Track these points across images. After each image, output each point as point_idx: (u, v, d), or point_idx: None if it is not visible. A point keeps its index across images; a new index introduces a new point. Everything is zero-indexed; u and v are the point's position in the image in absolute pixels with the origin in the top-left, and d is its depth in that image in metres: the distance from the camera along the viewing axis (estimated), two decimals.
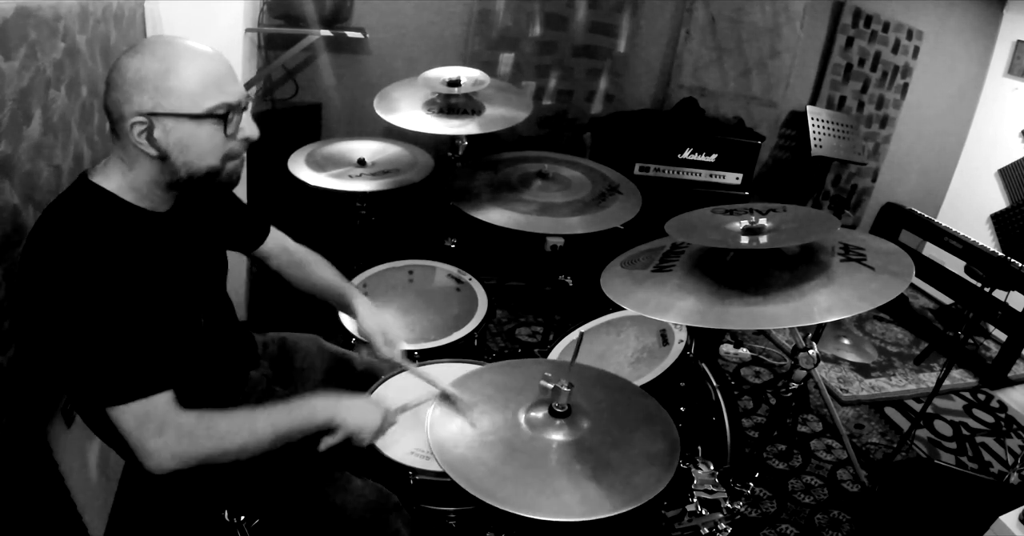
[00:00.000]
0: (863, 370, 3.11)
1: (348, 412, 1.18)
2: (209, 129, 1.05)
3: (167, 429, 1.00)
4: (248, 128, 1.11)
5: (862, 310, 1.07)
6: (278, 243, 1.51)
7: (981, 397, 3.04)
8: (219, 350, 1.29)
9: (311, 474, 1.24)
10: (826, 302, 1.10)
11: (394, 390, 1.49)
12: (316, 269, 1.52)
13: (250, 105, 1.13)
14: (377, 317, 1.47)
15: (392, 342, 1.45)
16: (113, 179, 1.07)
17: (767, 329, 3.26)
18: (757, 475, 1.57)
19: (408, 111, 2.12)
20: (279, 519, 1.21)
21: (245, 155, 1.15)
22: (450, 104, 2.13)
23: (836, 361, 3.16)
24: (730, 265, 1.29)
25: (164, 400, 1.01)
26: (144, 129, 1.01)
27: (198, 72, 1.02)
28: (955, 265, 3.43)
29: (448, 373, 1.36)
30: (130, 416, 0.99)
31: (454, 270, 2.06)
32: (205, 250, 1.26)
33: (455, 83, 2.10)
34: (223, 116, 1.06)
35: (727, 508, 1.36)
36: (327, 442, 1.17)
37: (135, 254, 1.03)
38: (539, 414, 1.20)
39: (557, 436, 1.16)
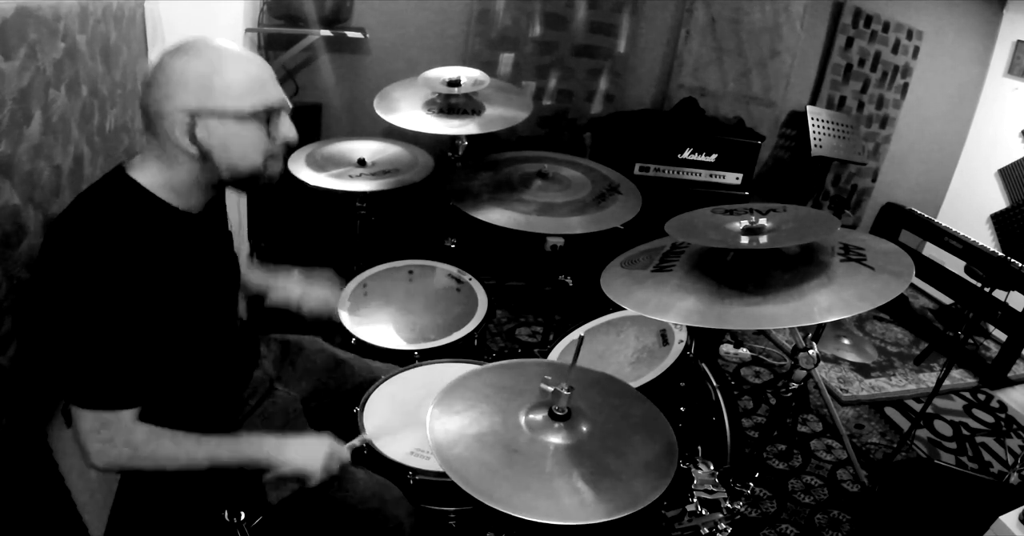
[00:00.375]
0: (863, 370, 3.11)
1: (294, 454, 1.17)
2: (252, 129, 1.07)
3: (115, 440, 1.03)
4: (288, 131, 1.13)
5: (862, 310, 1.07)
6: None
7: (981, 397, 3.04)
8: (225, 350, 1.30)
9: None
10: (826, 302, 1.10)
11: (391, 393, 1.50)
12: (247, 279, 1.55)
13: (290, 108, 1.16)
14: (297, 284, 1.57)
15: (324, 302, 1.55)
16: (150, 175, 1.08)
17: (767, 329, 3.26)
18: (757, 475, 1.57)
19: (408, 111, 2.12)
20: (282, 512, 1.21)
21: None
22: (450, 104, 2.14)
23: (836, 361, 3.16)
24: (730, 265, 1.29)
25: (128, 415, 1.03)
26: (187, 127, 1.03)
27: (242, 73, 1.05)
28: (955, 265, 3.43)
29: (448, 373, 1.36)
30: (90, 419, 1.02)
31: (454, 270, 2.06)
32: (226, 252, 1.29)
33: (455, 83, 2.10)
34: (266, 117, 1.08)
35: (727, 508, 1.36)
36: (277, 495, 1.19)
37: (163, 254, 1.05)
38: (539, 416, 1.19)
39: (556, 439, 1.16)
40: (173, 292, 1.06)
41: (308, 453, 1.19)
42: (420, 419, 1.20)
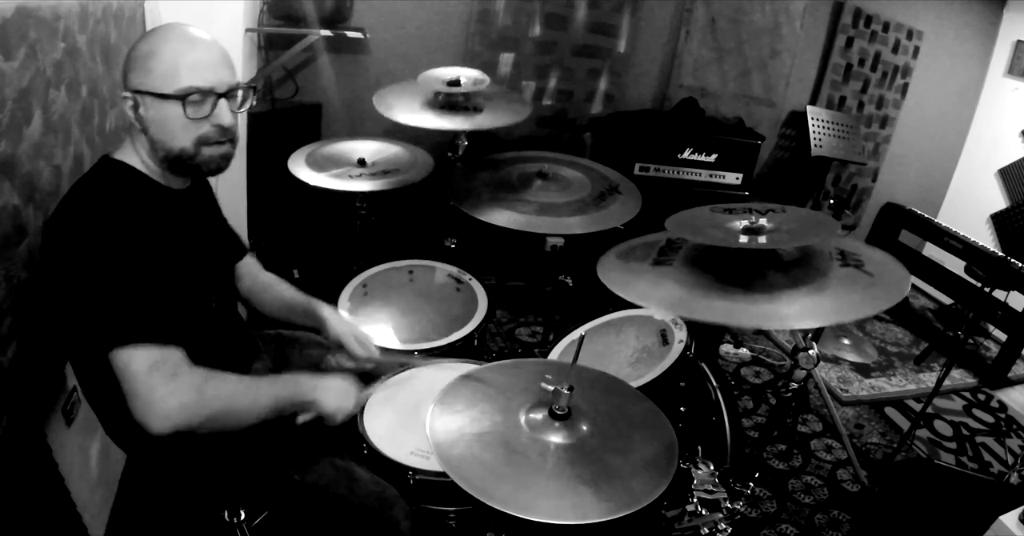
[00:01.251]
0: (863, 370, 3.11)
1: (327, 394, 1.23)
2: (174, 109, 1.11)
3: (180, 377, 1.02)
4: (221, 115, 1.15)
5: (864, 315, 1.07)
6: (251, 268, 1.55)
7: (981, 397, 3.04)
8: (225, 338, 1.31)
9: (311, 470, 1.24)
10: (828, 306, 1.10)
11: (391, 392, 1.50)
12: (281, 289, 1.55)
13: (240, 96, 1.19)
14: (345, 322, 1.50)
15: (364, 342, 1.47)
16: (129, 154, 1.16)
17: (768, 329, 3.26)
18: (757, 475, 1.57)
19: (408, 110, 2.12)
20: (282, 511, 1.21)
21: (232, 148, 1.19)
22: (450, 102, 2.14)
23: (836, 361, 3.16)
24: (730, 263, 1.29)
25: (178, 353, 1.04)
26: (131, 104, 1.12)
27: (176, 55, 1.10)
28: (955, 265, 3.43)
29: (448, 373, 1.36)
30: (143, 358, 0.99)
31: (454, 270, 2.06)
32: (219, 233, 1.33)
33: (455, 83, 2.10)
34: (184, 97, 1.10)
35: (727, 508, 1.36)
36: (303, 418, 1.22)
37: (156, 223, 1.10)
38: (539, 416, 1.19)
39: (556, 438, 1.16)
40: (169, 256, 1.10)
41: (339, 396, 1.25)
42: (420, 419, 1.20)
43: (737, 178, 2.97)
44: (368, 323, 1.85)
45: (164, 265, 1.07)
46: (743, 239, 1.24)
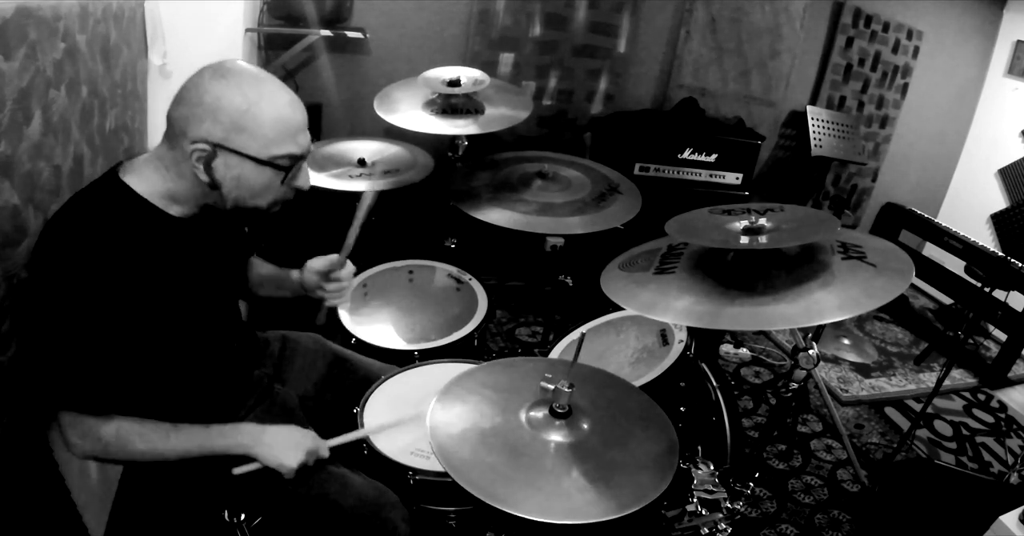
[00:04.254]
0: (863, 370, 3.11)
1: (268, 450, 1.16)
2: (269, 175, 1.07)
3: (88, 437, 1.05)
4: (304, 181, 1.13)
5: (869, 308, 1.07)
6: (253, 260, 1.53)
7: (981, 397, 3.04)
8: (227, 351, 1.30)
9: (310, 472, 1.24)
10: (835, 300, 1.10)
11: (391, 392, 1.50)
12: (259, 269, 1.53)
13: (310, 154, 1.15)
14: (308, 270, 1.45)
15: (328, 263, 1.42)
16: (148, 182, 1.07)
17: (769, 329, 3.26)
18: (757, 475, 1.57)
19: (408, 111, 2.12)
20: (280, 516, 1.21)
21: None
22: (450, 104, 2.13)
23: (836, 361, 3.16)
24: (732, 266, 1.29)
25: (94, 419, 1.05)
26: (206, 156, 1.02)
27: (278, 118, 1.03)
28: (955, 265, 3.43)
29: (448, 373, 1.35)
30: (66, 417, 1.04)
31: (454, 270, 2.06)
32: (226, 254, 1.28)
33: (455, 83, 2.10)
34: (287, 167, 1.07)
35: (727, 508, 1.36)
36: (239, 470, 1.17)
37: (152, 259, 1.05)
38: (539, 414, 1.19)
39: (557, 437, 1.16)
40: (164, 296, 1.06)
41: (285, 444, 1.18)
42: (420, 419, 1.20)
43: (737, 178, 2.97)
44: (368, 323, 1.85)
45: (147, 313, 1.04)
46: (744, 240, 1.24)
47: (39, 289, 1.01)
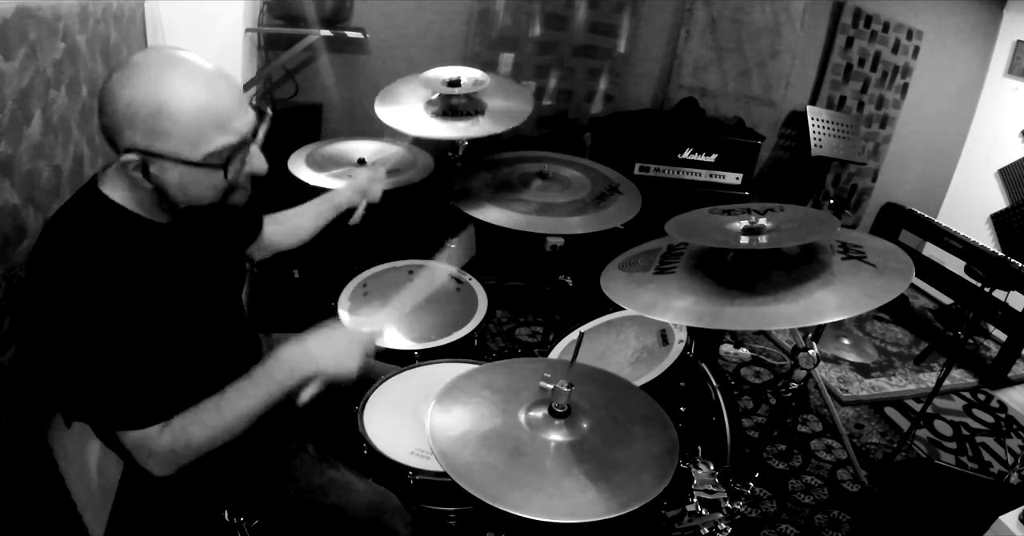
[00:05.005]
0: (863, 370, 3.11)
1: (324, 361, 1.10)
2: (208, 174, 0.97)
3: (156, 453, 1.01)
4: (256, 163, 1.05)
5: (870, 308, 1.07)
6: (268, 227, 1.50)
7: (981, 397, 3.03)
8: (229, 354, 1.29)
9: (311, 474, 1.24)
10: (834, 300, 1.10)
11: (391, 392, 1.50)
12: (293, 220, 1.56)
13: (261, 133, 1.05)
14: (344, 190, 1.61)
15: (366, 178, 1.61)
16: (120, 191, 1.01)
17: (769, 329, 3.26)
18: (757, 475, 1.57)
19: (409, 114, 2.11)
20: (279, 519, 1.21)
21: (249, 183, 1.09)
22: (451, 105, 2.13)
23: (836, 361, 3.16)
24: (732, 266, 1.29)
25: (154, 429, 1.00)
26: (138, 165, 0.94)
27: (194, 111, 0.92)
28: (955, 265, 3.43)
29: (448, 373, 1.36)
30: (128, 439, 1.00)
31: (454, 270, 2.06)
32: (217, 255, 1.23)
33: (455, 83, 2.10)
34: (225, 162, 0.97)
35: (727, 508, 1.36)
36: (304, 398, 1.10)
37: (143, 268, 1.00)
38: (539, 414, 1.19)
39: (557, 436, 1.16)
40: (160, 302, 1.02)
41: (337, 349, 1.12)
42: (420, 419, 1.19)
43: (737, 178, 2.97)
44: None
45: (153, 321, 0.99)
46: (744, 240, 1.24)
47: (44, 320, 0.96)
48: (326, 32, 2.36)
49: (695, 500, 1.36)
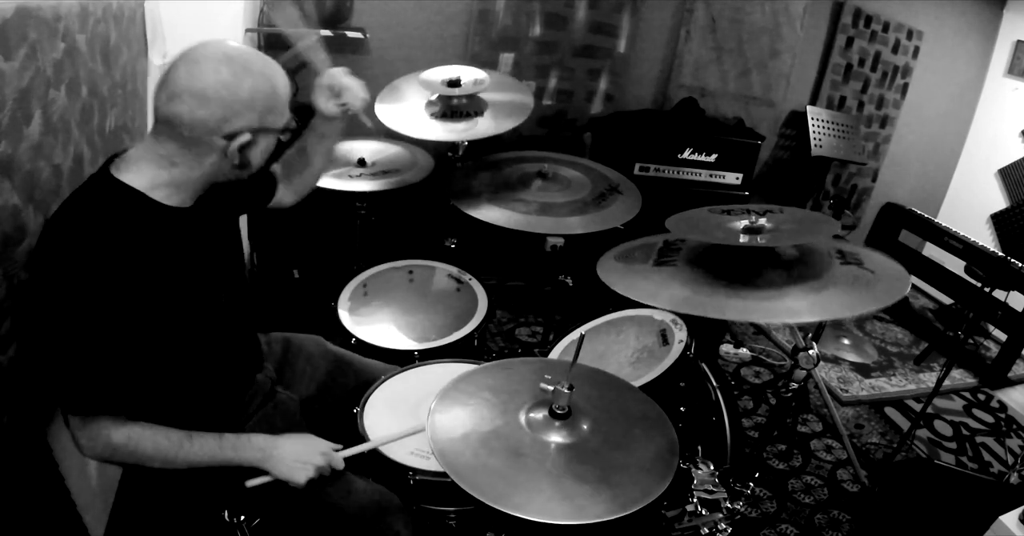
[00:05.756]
0: (863, 370, 3.11)
1: (279, 464, 1.17)
2: (273, 140, 1.13)
3: (97, 440, 1.05)
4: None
5: (869, 309, 1.08)
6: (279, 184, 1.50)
7: (981, 397, 3.04)
8: (229, 354, 1.29)
9: (321, 482, 1.24)
10: (836, 298, 1.10)
11: (391, 392, 1.50)
12: (303, 157, 1.48)
13: None
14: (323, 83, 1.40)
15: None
16: (143, 176, 1.05)
17: (768, 329, 3.26)
18: (757, 475, 1.58)
19: (409, 116, 2.11)
20: (279, 519, 1.21)
21: None
22: (451, 106, 2.13)
23: (836, 361, 3.16)
24: (730, 263, 1.29)
25: (107, 420, 1.04)
26: (246, 143, 1.06)
27: (285, 88, 1.10)
28: (955, 265, 3.43)
29: (448, 373, 1.36)
30: (76, 420, 1.04)
31: (454, 270, 2.06)
32: (226, 240, 1.28)
33: (455, 83, 2.10)
34: (292, 128, 1.14)
35: (727, 508, 1.36)
36: (252, 482, 1.17)
37: (155, 255, 1.04)
38: (539, 415, 1.19)
39: (557, 438, 1.16)
40: (169, 291, 1.06)
41: (296, 458, 1.18)
42: (420, 419, 1.19)
43: (737, 178, 2.97)
44: (368, 323, 1.85)
45: (151, 312, 1.03)
46: (743, 238, 1.25)
47: (41, 291, 1.01)
48: (326, 32, 2.36)
49: (695, 500, 1.36)
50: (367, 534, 1.21)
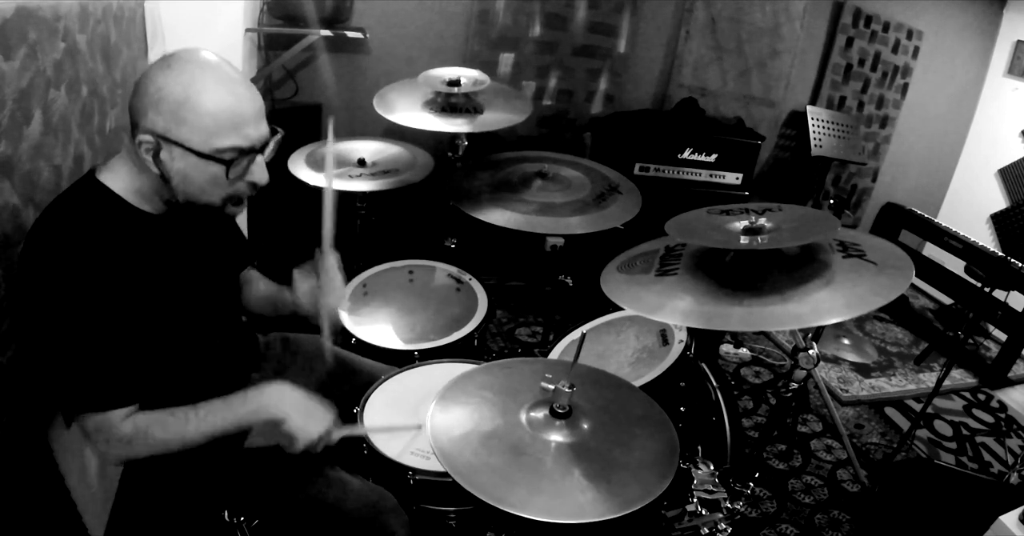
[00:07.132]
0: (863, 370, 3.11)
1: (294, 412, 1.14)
2: (213, 169, 1.03)
3: (111, 441, 1.04)
4: (258, 173, 1.09)
5: (874, 306, 1.07)
6: (254, 274, 1.49)
7: (981, 397, 3.04)
8: (223, 352, 1.29)
9: (310, 474, 1.24)
10: (840, 300, 1.10)
11: (391, 392, 1.50)
12: (258, 285, 1.47)
13: (271, 146, 1.11)
14: (304, 293, 1.37)
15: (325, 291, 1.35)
16: (120, 179, 1.07)
17: (784, 330, 3.26)
18: (757, 475, 1.57)
19: (408, 111, 2.12)
20: (278, 519, 1.21)
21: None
22: (450, 103, 2.13)
23: (836, 361, 3.16)
24: (732, 266, 1.29)
25: (116, 415, 1.04)
26: (151, 148, 1.01)
27: (217, 109, 0.99)
28: (955, 265, 3.43)
29: (448, 373, 1.35)
30: (88, 423, 1.04)
31: (454, 270, 2.06)
32: (213, 254, 1.26)
33: (455, 83, 2.10)
34: (229, 161, 1.03)
35: (727, 508, 1.36)
36: (251, 442, 1.16)
37: (133, 258, 1.04)
38: (540, 415, 1.19)
39: (558, 437, 1.15)
40: (147, 293, 1.06)
41: (310, 412, 1.16)
42: (420, 419, 1.19)
43: (737, 178, 2.97)
44: (368, 323, 1.85)
45: (136, 310, 1.03)
46: (744, 240, 1.24)
47: (25, 293, 1.01)
48: (326, 32, 2.36)
49: (695, 500, 1.36)
50: (364, 534, 1.21)
